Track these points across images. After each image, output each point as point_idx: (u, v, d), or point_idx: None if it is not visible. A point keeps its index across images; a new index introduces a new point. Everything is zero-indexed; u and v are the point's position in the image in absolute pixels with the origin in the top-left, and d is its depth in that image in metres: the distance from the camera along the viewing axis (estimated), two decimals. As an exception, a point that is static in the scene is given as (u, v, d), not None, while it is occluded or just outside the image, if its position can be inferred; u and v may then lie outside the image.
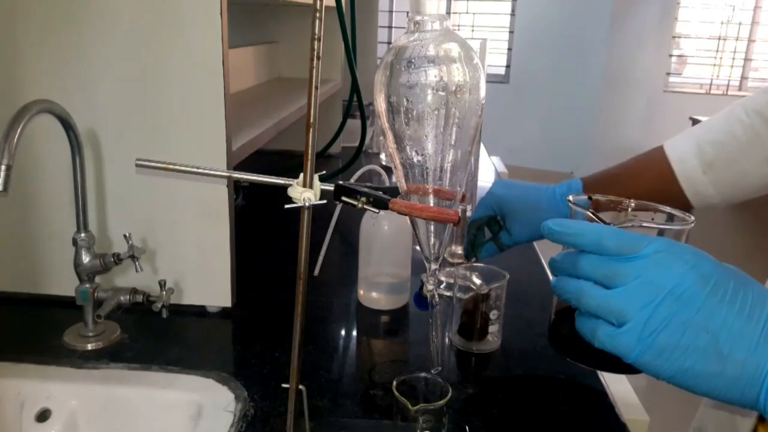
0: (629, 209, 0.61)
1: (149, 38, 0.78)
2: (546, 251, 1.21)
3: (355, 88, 1.40)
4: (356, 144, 1.48)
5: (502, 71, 5.64)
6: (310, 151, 0.51)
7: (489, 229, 0.81)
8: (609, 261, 0.46)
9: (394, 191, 0.56)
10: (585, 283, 0.47)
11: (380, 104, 0.54)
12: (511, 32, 5.56)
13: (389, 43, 4.44)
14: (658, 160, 0.80)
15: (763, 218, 2.66)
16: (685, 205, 0.79)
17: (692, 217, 0.56)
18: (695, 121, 3.14)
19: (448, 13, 5.39)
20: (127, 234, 0.79)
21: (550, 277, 0.68)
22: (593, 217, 0.55)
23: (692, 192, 0.78)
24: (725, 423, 0.66)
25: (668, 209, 0.59)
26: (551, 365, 0.79)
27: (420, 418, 0.58)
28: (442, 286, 0.93)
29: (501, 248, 0.82)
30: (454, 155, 0.54)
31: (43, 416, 0.70)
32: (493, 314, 0.81)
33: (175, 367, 0.74)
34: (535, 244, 1.24)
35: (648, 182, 0.81)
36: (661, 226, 0.56)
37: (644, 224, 0.54)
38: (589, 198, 0.60)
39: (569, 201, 0.59)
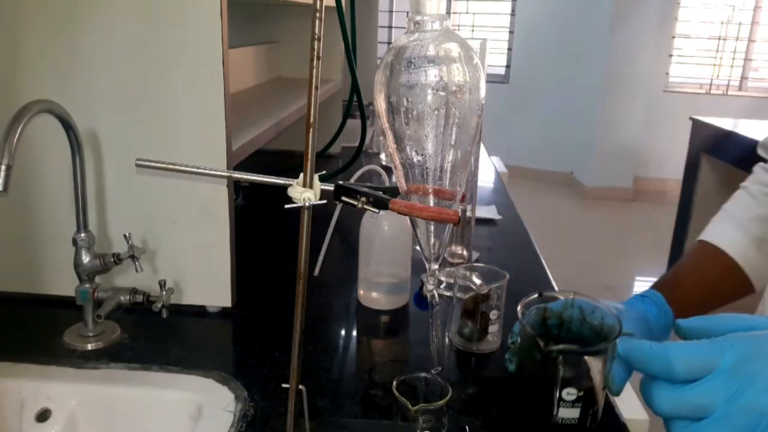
0: (573, 296, 0.63)
1: (149, 38, 0.78)
2: (546, 251, 1.21)
3: (355, 88, 1.40)
4: (356, 144, 1.48)
5: (502, 71, 5.63)
6: (310, 151, 0.51)
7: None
8: (684, 392, 0.39)
9: (394, 191, 0.56)
10: (675, 424, 0.41)
11: (380, 104, 0.54)
12: (511, 32, 5.56)
13: (389, 43, 4.44)
14: (711, 253, 0.79)
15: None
16: (748, 288, 0.77)
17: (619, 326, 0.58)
18: (695, 121, 3.13)
19: (448, 13, 5.39)
20: (127, 234, 0.79)
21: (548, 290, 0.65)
22: (531, 331, 0.58)
23: (753, 270, 0.76)
24: None
25: (606, 304, 0.61)
26: (551, 365, 0.79)
27: (420, 418, 0.58)
28: (442, 286, 0.93)
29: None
30: (454, 155, 0.54)
31: (43, 416, 0.70)
32: (493, 314, 0.81)
33: (175, 367, 0.74)
34: (535, 244, 1.24)
35: (711, 274, 0.78)
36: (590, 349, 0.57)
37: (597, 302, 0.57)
38: (540, 294, 0.63)
39: (519, 310, 0.61)
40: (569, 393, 0.57)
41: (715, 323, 0.42)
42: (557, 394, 0.57)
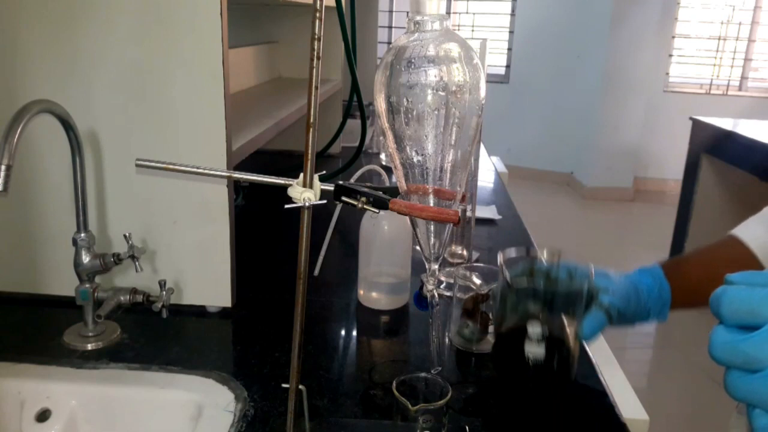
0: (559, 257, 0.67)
1: (149, 38, 0.78)
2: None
3: (355, 88, 1.40)
4: (356, 144, 1.48)
5: (502, 71, 5.63)
6: (310, 151, 0.51)
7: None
8: (738, 342, 0.38)
9: (394, 191, 0.56)
10: (731, 373, 0.39)
11: (380, 104, 0.54)
12: (511, 32, 5.56)
13: (389, 43, 4.44)
14: (729, 242, 0.78)
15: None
16: None
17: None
18: (695, 121, 3.13)
19: (448, 13, 5.39)
20: (127, 234, 0.79)
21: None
22: (505, 271, 0.62)
23: None
24: None
25: (590, 268, 0.65)
26: (551, 365, 0.79)
27: (420, 418, 0.58)
28: (442, 286, 0.93)
29: (611, 320, 0.69)
30: (454, 155, 0.54)
31: (43, 416, 0.70)
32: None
33: (175, 367, 0.74)
34: (535, 244, 1.24)
35: (720, 258, 0.78)
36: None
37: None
38: (527, 251, 0.67)
39: (500, 260, 0.64)
40: (534, 328, 0.61)
41: None
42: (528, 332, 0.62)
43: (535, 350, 0.63)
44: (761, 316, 0.37)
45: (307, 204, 0.51)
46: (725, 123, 3.01)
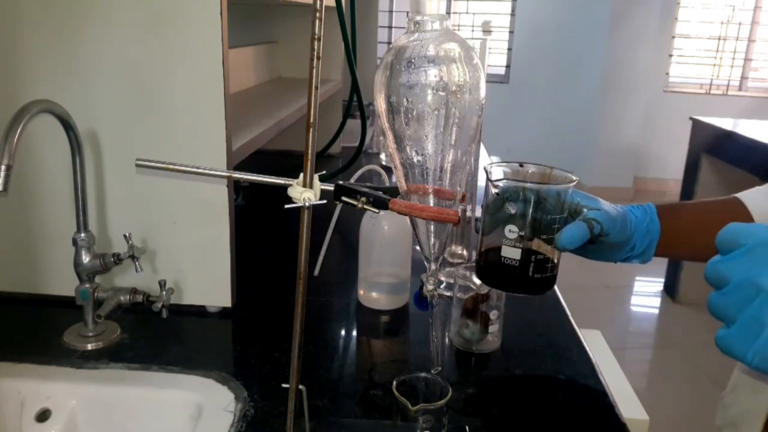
0: (551, 170, 0.68)
1: (149, 38, 0.78)
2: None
3: (355, 88, 1.40)
4: (356, 144, 1.48)
5: (502, 71, 5.63)
6: (310, 151, 0.51)
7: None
8: (716, 263, 0.45)
9: (394, 191, 0.56)
10: (711, 293, 0.46)
11: (380, 104, 0.54)
12: (511, 32, 5.56)
13: (389, 43, 4.43)
14: (729, 200, 0.79)
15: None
16: None
17: (575, 179, 0.64)
18: (695, 121, 3.13)
19: (448, 13, 5.38)
20: (127, 234, 0.79)
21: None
22: (489, 173, 0.63)
23: (761, 218, 0.76)
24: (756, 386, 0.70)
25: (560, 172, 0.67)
26: (551, 365, 0.79)
27: (420, 418, 0.58)
28: (442, 286, 0.93)
29: (593, 239, 0.66)
30: (454, 155, 0.54)
31: (43, 416, 0.70)
32: (493, 314, 0.81)
33: (175, 367, 0.74)
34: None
35: (714, 209, 0.79)
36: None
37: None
38: (521, 165, 0.67)
39: (486, 169, 0.64)
40: (511, 230, 0.62)
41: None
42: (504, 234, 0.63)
43: (510, 253, 0.63)
44: (737, 243, 0.44)
45: (307, 204, 0.51)
46: (725, 123, 3.01)
